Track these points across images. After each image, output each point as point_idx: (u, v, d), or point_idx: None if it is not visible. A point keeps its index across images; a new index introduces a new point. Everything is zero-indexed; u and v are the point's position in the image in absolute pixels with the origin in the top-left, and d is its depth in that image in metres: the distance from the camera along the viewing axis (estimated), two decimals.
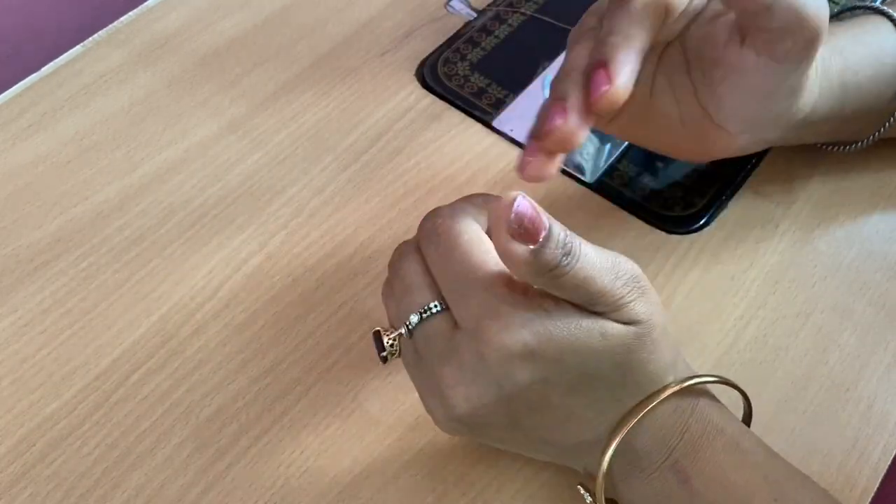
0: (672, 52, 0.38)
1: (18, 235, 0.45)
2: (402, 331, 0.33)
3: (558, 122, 0.31)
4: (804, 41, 0.34)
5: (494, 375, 0.30)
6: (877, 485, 0.37)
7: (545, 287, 0.29)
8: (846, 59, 0.40)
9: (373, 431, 0.38)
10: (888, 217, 0.45)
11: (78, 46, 0.54)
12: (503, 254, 0.29)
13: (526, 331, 0.29)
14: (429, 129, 0.49)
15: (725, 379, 0.33)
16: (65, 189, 0.47)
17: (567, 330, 0.29)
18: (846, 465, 0.37)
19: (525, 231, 0.28)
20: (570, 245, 0.28)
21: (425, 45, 0.53)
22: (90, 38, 0.54)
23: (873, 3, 0.43)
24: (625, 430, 0.31)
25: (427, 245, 0.33)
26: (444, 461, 0.38)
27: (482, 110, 0.50)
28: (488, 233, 0.32)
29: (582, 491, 0.34)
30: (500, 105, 0.50)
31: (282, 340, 0.41)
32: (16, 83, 0.52)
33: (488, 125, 0.49)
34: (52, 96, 0.51)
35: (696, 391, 0.32)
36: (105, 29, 0.55)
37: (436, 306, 0.32)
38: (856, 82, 0.40)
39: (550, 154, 0.32)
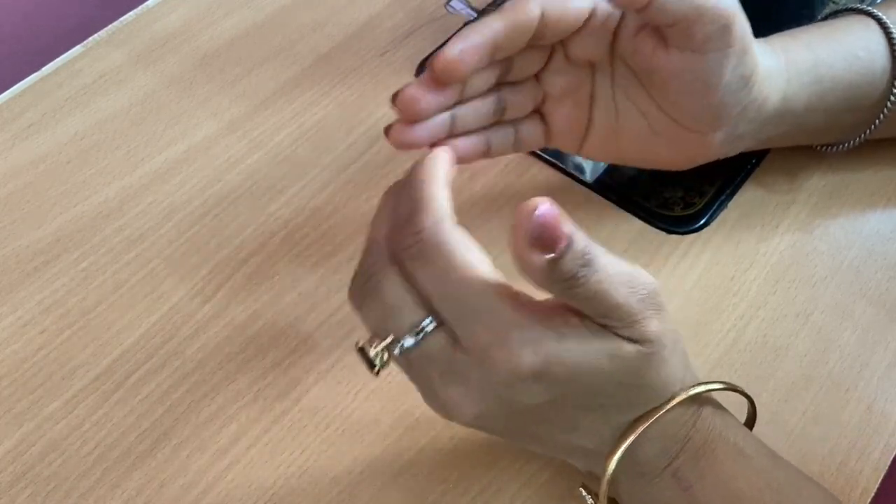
0: (622, 70, 0.39)
1: (18, 235, 0.45)
2: (396, 352, 0.30)
3: (405, 90, 0.33)
4: (716, 28, 0.35)
5: (502, 397, 0.29)
6: (877, 485, 0.37)
7: (558, 295, 0.29)
8: (816, 54, 0.41)
9: (373, 431, 0.38)
10: (888, 217, 0.45)
11: (78, 46, 0.54)
12: (519, 259, 0.27)
13: (536, 356, 0.28)
14: None
15: (732, 385, 0.33)
16: (65, 189, 0.47)
17: (577, 352, 0.29)
18: (846, 464, 0.37)
19: (544, 240, 0.27)
20: (588, 257, 0.27)
21: (425, 45, 0.53)
22: (90, 38, 0.54)
23: (860, 5, 0.43)
24: (631, 439, 0.31)
25: (412, 263, 0.30)
26: (444, 461, 0.38)
27: None
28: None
29: (584, 493, 0.34)
30: None
31: (282, 340, 0.41)
32: (16, 83, 0.52)
33: None
34: (52, 96, 0.51)
35: (700, 398, 0.32)
36: (105, 29, 0.55)
37: (429, 323, 0.30)
38: (831, 75, 0.41)
39: (408, 122, 0.34)
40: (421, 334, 0.30)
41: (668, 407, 0.31)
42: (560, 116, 0.40)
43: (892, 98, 0.42)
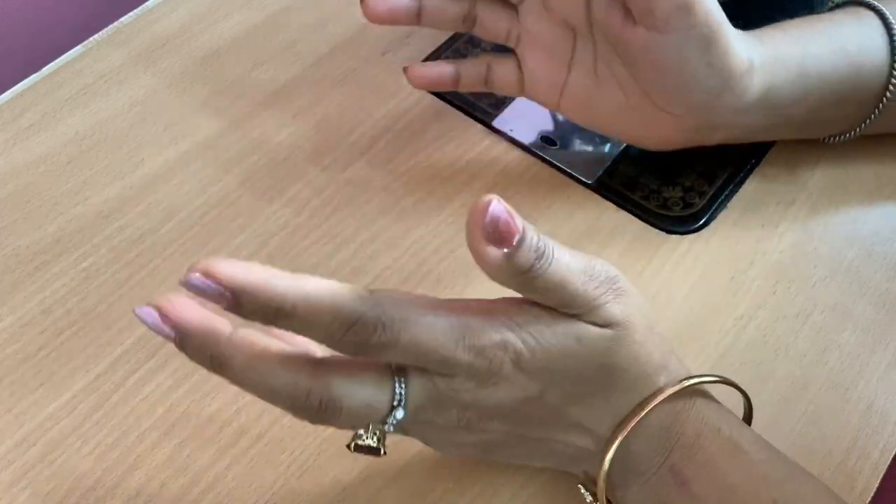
0: (602, 39, 0.40)
1: (18, 235, 0.45)
2: (389, 429, 0.30)
3: None
4: (675, 6, 0.36)
5: (492, 402, 0.30)
6: (876, 484, 0.37)
7: (518, 289, 0.29)
8: (805, 47, 0.41)
9: None
10: (888, 217, 0.45)
11: (78, 46, 0.54)
12: (477, 255, 0.28)
13: (507, 353, 0.29)
14: (429, 129, 0.49)
15: (724, 378, 0.33)
16: (65, 189, 0.47)
17: (544, 339, 0.29)
18: (846, 464, 0.37)
19: (499, 234, 0.27)
20: (542, 248, 0.28)
21: (425, 45, 0.53)
22: (90, 38, 0.54)
23: None
24: (625, 432, 0.31)
25: (378, 337, 0.28)
26: (443, 462, 0.38)
27: (482, 110, 0.50)
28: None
29: (583, 491, 0.34)
30: (500, 105, 0.50)
31: None
32: (16, 83, 0.52)
33: (488, 125, 0.49)
34: (52, 96, 0.51)
35: (692, 391, 0.32)
36: (105, 29, 0.55)
37: (399, 384, 0.29)
38: (818, 71, 0.41)
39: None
40: (403, 400, 0.29)
41: (659, 399, 0.31)
42: (535, 65, 0.42)
43: (891, 90, 0.41)
